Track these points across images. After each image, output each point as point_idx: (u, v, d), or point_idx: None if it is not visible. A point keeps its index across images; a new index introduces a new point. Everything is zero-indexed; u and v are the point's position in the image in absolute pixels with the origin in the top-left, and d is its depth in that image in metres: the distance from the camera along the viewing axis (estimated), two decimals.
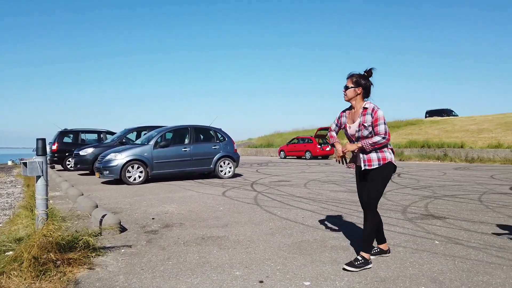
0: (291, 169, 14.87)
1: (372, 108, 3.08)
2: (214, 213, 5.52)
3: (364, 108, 3.12)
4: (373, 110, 3.06)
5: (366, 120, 3.07)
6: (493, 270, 2.95)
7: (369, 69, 3.19)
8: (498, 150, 17.18)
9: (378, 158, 3.09)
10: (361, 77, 3.16)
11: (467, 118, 29.96)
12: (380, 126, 3.02)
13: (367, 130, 3.07)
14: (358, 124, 3.12)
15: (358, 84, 3.14)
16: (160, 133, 10.44)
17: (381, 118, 3.03)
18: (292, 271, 3.00)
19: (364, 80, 3.16)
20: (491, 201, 6.21)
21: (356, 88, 3.15)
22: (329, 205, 6.05)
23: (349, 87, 3.18)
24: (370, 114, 3.07)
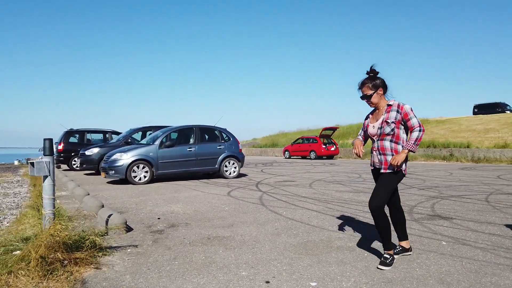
0: (296, 169, 14.85)
1: (398, 104, 3.08)
2: (220, 213, 5.52)
3: (389, 105, 3.13)
4: (399, 106, 3.07)
5: (390, 116, 3.07)
6: (501, 271, 2.93)
7: (371, 68, 3.19)
8: (505, 150, 17.04)
9: None
10: (373, 79, 3.16)
11: (473, 118, 29.74)
12: (413, 119, 3.02)
13: (389, 127, 3.06)
14: (381, 121, 3.12)
15: (376, 86, 3.14)
16: (165, 133, 10.47)
17: (410, 112, 3.03)
18: (299, 272, 2.99)
19: (377, 79, 3.16)
20: (498, 202, 6.16)
21: (377, 91, 3.14)
22: (334, 205, 6.03)
23: (370, 94, 3.14)
24: (396, 110, 3.07)
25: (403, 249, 3.36)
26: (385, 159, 3.13)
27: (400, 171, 3.11)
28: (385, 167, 3.12)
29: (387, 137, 3.11)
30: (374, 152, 3.24)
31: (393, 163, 3.02)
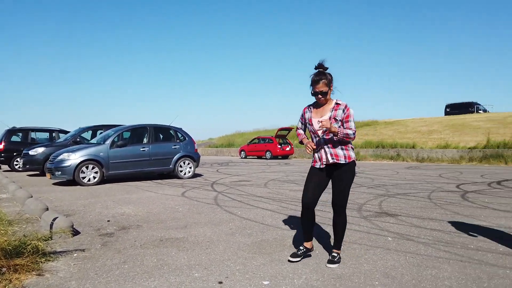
0: (251, 169, 14.93)
1: (345, 105, 3.16)
2: (173, 214, 5.43)
3: (337, 103, 3.18)
4: (346, 107, 3.15)
5: (338, 114, 3.13)
6: (440, 264, 3.12)
7: (321, 63, 3.17)
8: (446, 151, 18.22)
9: (344, 155, 3.14)
10: (326, 75, 3.13)
11: (418, 120, 31.52)
12: (351, 122, 3.12)
13: (337, 124, 3.12)
14: (329, 117, 3.13)
15: (330, 82, 3.13)
16: (117, 132, 10.11)
17: (352, 116, 3.14)
18: (252, 271, 3.01)
19: (329, 75, 3.15)
20: (439, 199, 6.58)
21: (330, 87, 3.15)
22: (288, 204, 6.13)
23: (326, 91, 3.12)
24: (342, 110, 3.13)
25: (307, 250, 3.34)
26: (335, 152, 3.14)
27: (353, 162, 3.18)
28: (336, 158, 3.13)
29: (332, 135, 3.14)
30: (321, 149, 3.20)
31: (324, 123, 3.01)
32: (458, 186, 8.41)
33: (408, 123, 30.35)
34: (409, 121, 31.98)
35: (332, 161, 3.15)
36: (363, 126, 31.23)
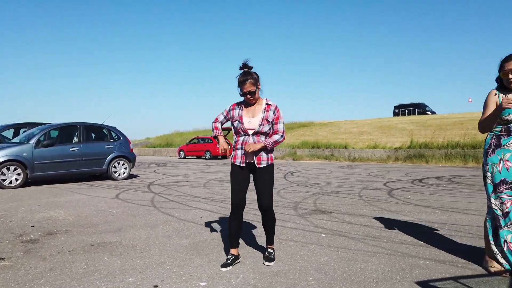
0: (190, 169, 14.72)
1: (275, 106, 3.19)
2: (106, 217, 5.17)
3: (268, 104, 3.19)
4: (276, 109, 3.18)
5: (269, 116, 3.15)
6: (369, 257, 3.33)
7: (246, 63, 3.17)
8: (375, 151, 19.45)
9: (267, 157, 3.17)
10: (252, 74, 3.12)
11: (350, 122, 33.28)
12: (280, 124, 3.17)
13: (268, 126, 3.14)
14: (261, 119, 3.13)
15: (257, 81, 3.13)
16: (43, 131, 9.39)
17: (281, 117, 3.19)
18: (189, 273, 2.97)
19: (255, 74, 3.15)
20: (369, 196, 7.01)
21: (258, 86, 3.14)
22: (227, 204, 6.14)
23: (254, 90, 3.11)
24: (273, 111, 3.16)
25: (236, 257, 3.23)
26: (259, 154, 3.14)
27: (273, 164, 3.21)
28: (258, 162, 3.13)
29: (262, 135, 3.15)
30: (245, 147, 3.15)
31: (247, 148, 3.04)
32: (385, 184, 9.02)
33: (341, 124, 31.93)
34: (342, 122, 33.65)
35: (253, 162, 3.15)
36: (300, 127, 32.25)
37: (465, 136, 18.33)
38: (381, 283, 2.73)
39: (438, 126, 24.06)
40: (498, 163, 2.96)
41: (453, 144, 17.64)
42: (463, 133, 19.49)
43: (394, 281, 2.76)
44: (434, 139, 19.18)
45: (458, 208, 5.69)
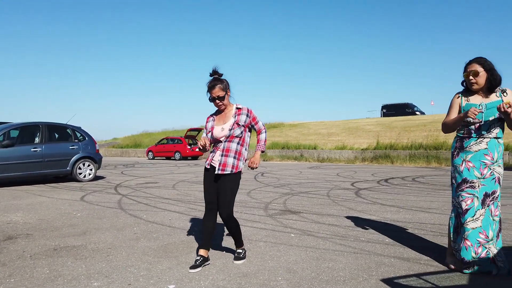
0: (159, 170, 14.48)
1: (247, 109, 3.24)
2: (70, 221, 5.00)
3: (238, 108, 3.24)
4: (249, 111, 3.24)
5: (241, 119, 3.18)
6: (337, 256, 3.40)
7: (215, 70, 3.20)
8: (343, 151, 19.88)
9: (233, 165, 3.13)
10: (222, 81, 3.16)
11: (319, 123, 33.84)
12: (259, 123, 3.33)
13: (239, 129, 3.16)
14: (232, 123, 3.16)
15: (226, 88, 3.18)
16: (3, 131, 8.95)
17: (257, 117, 3.32)
18: (157, 276, 2.92)
19: (224, 81, 3.19)
20: (337, 196, 7.15)
21: (227, 92, 3.20)
22: (197, 206, 6.09)
23: (223, 96, 3.14)
24: (246, 114, 3.21)
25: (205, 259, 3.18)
26: (225, 161, 3.12)
27: (239, 172, 3.20)
28: (223, 168, 3.11)
29: (235, 139, 3.17)
30: (217, 151, 3.20)
31: (252, 166, 3.25)
32: (352, 184, 9.24)
33: (310, 125, 32.41)
34: (311, 123, 34.17)
35: (218, 172, 3.13)
36: (270, 128, 32.44)
37: (428, 138, 19.07)
38: (348, 281, 2.79)
39: (402, 128, 24.91)
40: (461, 164, 3.13)
41: (416, 145, 18.30)
42: (426, 134, 20.28)
43: (360, 279, 2.83)
44: (399, 140, 19.84)
45: (421, 207, 5.92)
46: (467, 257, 2.97)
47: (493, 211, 2.98)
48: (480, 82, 3.00)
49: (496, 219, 2.98)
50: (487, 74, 2.97)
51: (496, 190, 2.99)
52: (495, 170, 2.99)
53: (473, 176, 3.04)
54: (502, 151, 3.03)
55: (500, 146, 3.01)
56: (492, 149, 3.00)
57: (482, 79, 2.98)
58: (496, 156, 2.99)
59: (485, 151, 3.01)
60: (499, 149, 3.00)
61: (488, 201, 2.99)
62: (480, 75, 2.98)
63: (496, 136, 3.01)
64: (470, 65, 3.03)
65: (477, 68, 2.98)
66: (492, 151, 2.99)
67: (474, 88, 3.05)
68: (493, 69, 2.98)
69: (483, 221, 2.99)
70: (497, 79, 2.98)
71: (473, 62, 3.02)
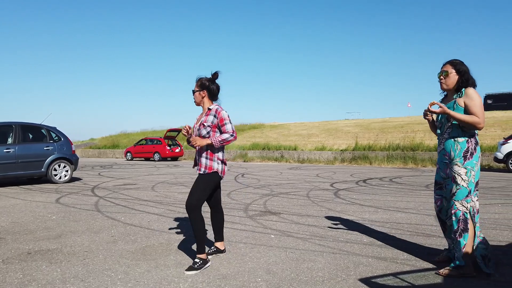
0: (138, 171, 14.27)
1: (216, 109, 3.23)
2: (45, 223, 4.87)
3: (209, 109, 3.26)
4: (217, 111, 3.22)
5: (208, 120, 3.21)
6: (316, 257, 3.43)
7: (215, 72, 3.31)
8: (323, 152, 20.09)
9: (206, 165, 3.22)
10: (207, 80, 3.29)
11: (299, 124, 34.11)
12: (227, 125, 3.20)
13: (205, 130, 3.19)
14: (200, 123, 3.24)
15: (202, 87, 3.27)
16: None
17: (226, 118, 3.20)
18: (135, 279, 2.87)
19: (209, 82, 3.28)
20: (316, 197, 7.22)
21: (201, 91, 3.28)
22: (176, 207, 6.03)
23: (194, 90, 3.31)
24: (213, 115, 3.21)
25: (217, 250, 3.49)
26: (200, 161, 3.25)
27: (215, 173, 3.23)
28: (199, 168, 3.24)
29: None
30: (196, 153, 3.35)
31: (192, 141, 3.14)
32: (332, 184, 9.34)
33: (290, 126, 32.61)
34: (292, 125, 34.39)
35: (195, 168, 3.32)
36: (251, 129, 32.49)
37: (404, 139, 19.50)
38: (327, 281, 2.82)
39: (380, 129, 25.37)
40: (437, 165, 3.30)
41: (394, 146, 18.69)
42: (403, 136, 20.73)
43: (339, 279, 2.87)
44: (377, 141, 20.20)
45: (398, 207, 6.04)
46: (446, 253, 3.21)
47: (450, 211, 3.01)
48: (448, 83, 3.09)
49: (452, 218, 2.98)
50: (458, 76, 3.06)
51: (451, 189, 3.01)
52: (453, 169, 3.01)
53: (439, 177, 3.22)
54: (463, 149, 2.99)
55: (457, 145, 3.01)
56: (448, 149, 3.07)
57: (452, 80, 3.07)
58: (452, 155, 3.02)
59: (443, 152, 3.13)
60: (456, 148, 3.01)
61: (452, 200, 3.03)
62: (450, 76, 3.07)
63: (451, 135, 3.06)
64: (444, 66, 3.14)
65: (449, 69, 3.08)
66: (448, 151, 3.06)
67: (442, 88, 3.17)
68: (466, 72, 3.05)
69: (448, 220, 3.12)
70: (468, 81, 3.05)
71: (447, 63, 3.13)
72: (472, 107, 2.96)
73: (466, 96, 3.00)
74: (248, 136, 28.59)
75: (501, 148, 12.94)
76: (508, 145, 12.81)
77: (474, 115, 2.93)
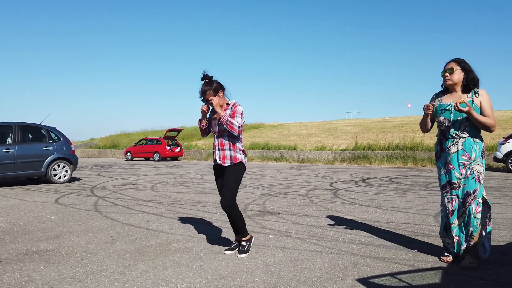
0: (138, 171, 14.27)
1: (233, 103, 3.43)
2: (44, 224, 4.87)
3: (227, 104, 3.44)
4: (234, 105, 3.41)
5: (226, 114, 3.34)
6: (314, 257, 3.42)
7: (204, 74, 3.40)
8: (322, 152, 20.09)
9: (231, 156, 3.39)
10: (211, 84, 3.36)
11: (299, 124, 34.11)
12: (237, 118, 3.35)
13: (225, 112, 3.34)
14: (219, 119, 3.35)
15: (216, 90, 3.37)
16: None
17: (238, 112, 3.37)
18: (132, 279, 2.87)
19: (214, 83, 3.38)
20: (315, 197, 7.21)
21: (218, 94, 3.38)
22: (175, 207, 6.03)
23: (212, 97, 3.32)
24: (230, 108, 3.39)
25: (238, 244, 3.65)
26: (223, 154, 3.40)
27: (240, 163, 3.43)
28: (223, 161, 3.39)
29: (224, 134, 3.40)
30: (215, 147, 3.46)
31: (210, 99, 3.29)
32: (331, 184, 9.34)
33: (290, 126, 32.61)
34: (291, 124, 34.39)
35: (219, 162, 3.41)
36: (250, 128, 32.50)
37: (404, 139, 19.49)
38: (325, 281, 2.82)
39: (380, 129, 25.37)
40: (443, 166, 3.24)
41: (393, 146, 18.68)
42: (403, 135, 20.72)
43: (336, 279, 2.87)
44: (376, 141, 20.20)
45: (397, 207, 6.04)
46: (456, 250, 3.19)
47: (474, 209, 3.06)
48: (454, 79, 3.10)
49: (477, 215, 3.06)
50: (463, 73, 3.09)
51: (476, 189, 3.07)
52: (474, 169, 3.06)
53: (454, 177, 3.16)
54: (481, 149, 3.09)
55: (476, 145, 3.08)
56: (468, 149, 3.08)
57: (457, 76, 3.10)
58: (473, 155, 3.06)
59: (461, 152, 3.11)
60: (476, 148, 3.07)
61: (470, 200, 3.07)
62: (455, 72, 3.10)
63: (469, 135, 3.09)
64: (448, 64, 3.16)
65: (454, 66, 3.11)
66: (469, 151, 3.08)
67: (447, 84, 3.16)
68: (470, 71, 3.10)
69: (466, 219, 3.11)
70: (474, 80, 3.09)
71: (452, 61, 3.16)
72: (487, 109, 3.05)
73: (482, 97, 3.08)
74: (248, 136, 28.59)
75: (500, 148, 12.94)
76: (507, 144, 12.81)
77: (489, 117, 3.01)
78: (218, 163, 3.43)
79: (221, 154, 3.41)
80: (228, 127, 3.29)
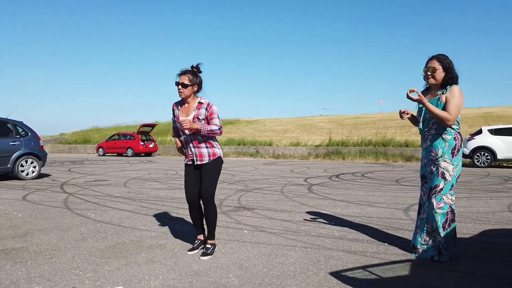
0: (110, 167, 13.96)
1: (207, 103, 3.33)
2: (10, 221, 4.69)
3: (200, 102, 3.33)
4: (208, 105, 3.32)
5: (200, 113, 3.29)
6: (288, 251, 3.46)
7: (197, 65, 3.35)
8: (297, 148, 20.27)
9: (209, 153, 3.35)
10: (195, 75, 3.30)
11: (275, 120, 34.27)
12: (215, 119, 3.31)
13: (200, 123, 3.26)
14: (193, 117, 3.29)
15: (194, 82, 3.29)
16: None
17: (215, 113, 3.32)
18: (104, 277, 2.81)
19: (198, 77, 3.33)
20: (290, 192, 7.28)
21: (193, 86, 3.29)
22: (149, 204, 5.94)
23: (187, 85, 3.24)
24: (205, 108, 3.30)
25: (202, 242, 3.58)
26: (199, 152, 3.33)
27: (219, 158, 3.40)
28: (200, 159, 3.34)
29: (197, 132, 3.30)
30: (189, 145, 3.37)
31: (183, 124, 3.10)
32: (305, 179, 9.45)
33: (266, 122, 32.72)
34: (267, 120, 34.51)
35: (197, 162, 3.36)
36: (226, 124, 32.37)
37: (376, 135, 19.93)
38: (298, 275, 2.85)
39: (353, 125, 25.85)
40: (422, 161, 3.40)
41: (366, 142, 19.08)
42: (375, 132, 21.18)
43: (310, 273, 2.91)
44: (350, 137, 20.56)
45: (369, 201, 6.18)
46: (416, 242, 3.31)
47: (435, 204, 3.15)
48: (437, 78, 3.17)
49: (439, 211, 3.13)
50: (445, 72, 3.15)
51: (438, 184, 3.15)
52: (440, 165, 3.14)
53: (426, 172, 3.30)
54: (451, 146, 3.11)
55: (445, 142, 3.13)
56: (435, 145, 3.17)
57: (439, 76, 3.16)
58: (440, 151, 3.15)
59: (430, 148, 3.21)
60: (444, 145, 3.13)
61: (431, 195, 3.18)
62: (437, 72, 3.15)
63: (437, 132, 3.18)
64: (430, 61, 3.19)
65: (436, 65, 3.14)
66: (436, 147, 3.17)
67: (429, 82, 3.24)
68: (451, 68, 3.14)
69: (428, 213, 3.22)
70: (453, 79, 3.15)
71: (434, 59, 3.18)
72: (449, 103, 3.07)
73: (449, 92, 3.11)
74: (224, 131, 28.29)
75: (467, 144, 13.47)
76: (474, 141, 13.36)
77: (447, 111, 3.04)
78: (196, 163, 3.35)
79: (197, 152, 3.33)
80: (211, 135, 3.28)
